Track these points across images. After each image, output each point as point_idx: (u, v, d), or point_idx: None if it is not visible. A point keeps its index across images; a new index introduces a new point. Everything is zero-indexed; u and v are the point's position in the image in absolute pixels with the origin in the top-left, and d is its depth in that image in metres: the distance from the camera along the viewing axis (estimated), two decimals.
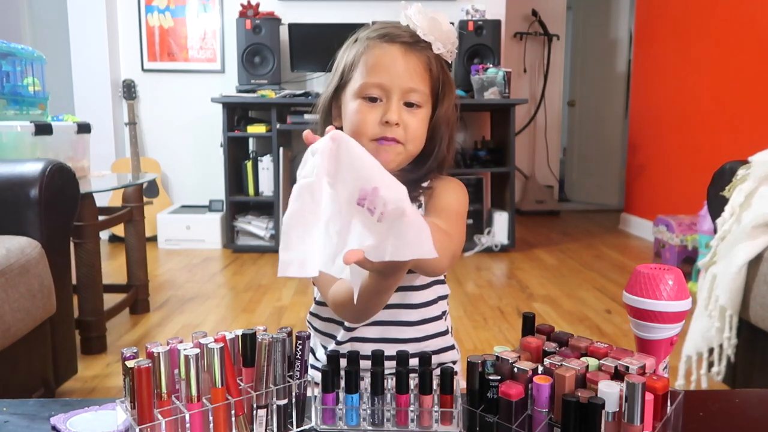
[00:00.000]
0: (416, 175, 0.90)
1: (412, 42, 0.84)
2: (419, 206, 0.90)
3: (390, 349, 0.74)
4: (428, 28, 0.84)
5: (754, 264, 1.37)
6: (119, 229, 3.46)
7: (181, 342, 0.64)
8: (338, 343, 0.92)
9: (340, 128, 0.88)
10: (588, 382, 0.61)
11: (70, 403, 0.73)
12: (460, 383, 0.71)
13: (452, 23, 3.62)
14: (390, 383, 0.69)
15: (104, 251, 3.31)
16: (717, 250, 1.47)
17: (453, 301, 2.49)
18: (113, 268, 3.08)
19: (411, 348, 0.86)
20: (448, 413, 0.67)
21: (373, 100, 0.84)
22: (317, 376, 0.85)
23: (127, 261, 2.36)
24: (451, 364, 0.92)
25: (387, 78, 0.83)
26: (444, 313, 0.96)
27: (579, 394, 0.58)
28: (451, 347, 0.97)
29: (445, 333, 0.96)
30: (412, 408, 0.67)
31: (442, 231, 0.77)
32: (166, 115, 3.93)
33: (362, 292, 0.67)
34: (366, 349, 0.70)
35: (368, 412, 0.68)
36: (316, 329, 0.97)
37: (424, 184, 0.92)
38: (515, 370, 0.63)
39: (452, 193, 0.90)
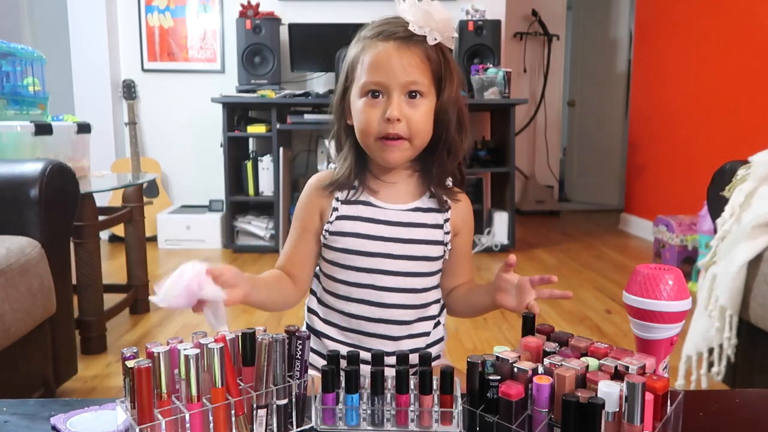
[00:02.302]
0: (429, 167, 0.91)
1: (407, 36, 0.84)
2: (446, 220, 0.92)
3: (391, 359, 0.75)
4: (422, 21, 0.84)
5: (754, 264, 1.36)
6: (119, 229, 3.45)
7: (181, 342, 0.64)
8: (339, 342, 0.93)
9: (352, 126, 0.89)
10: (588, 382, 0.61)
11: (70, 403, 0.73)
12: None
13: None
14: (390, 383, 0.69)
15: (104, 251, 3.30)
16: (717, 250, 1.47)
17: None
18: (113, 268, 3.08)
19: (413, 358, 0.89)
20: (448, 413, 0.67)
21: (375, 96, 0.85)
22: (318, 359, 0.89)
23: (127, 261, 2.36)
24: (440, 353, 0.97)
25: (384, 76, 0.83)
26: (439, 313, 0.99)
27: (579, 394, 0.58)
28: (441, 339, 0.99)
29: (439, 328, 0.98)
30: (412, 408, 0.67)
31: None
32: (166, 115, 3.93)
33: None
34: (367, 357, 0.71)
35: (368, 412, 0.68)
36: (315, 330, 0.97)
37: (447, 193, 0.93)
38: (515, 370, 0.63)
39: (470, 229, 0.97)
